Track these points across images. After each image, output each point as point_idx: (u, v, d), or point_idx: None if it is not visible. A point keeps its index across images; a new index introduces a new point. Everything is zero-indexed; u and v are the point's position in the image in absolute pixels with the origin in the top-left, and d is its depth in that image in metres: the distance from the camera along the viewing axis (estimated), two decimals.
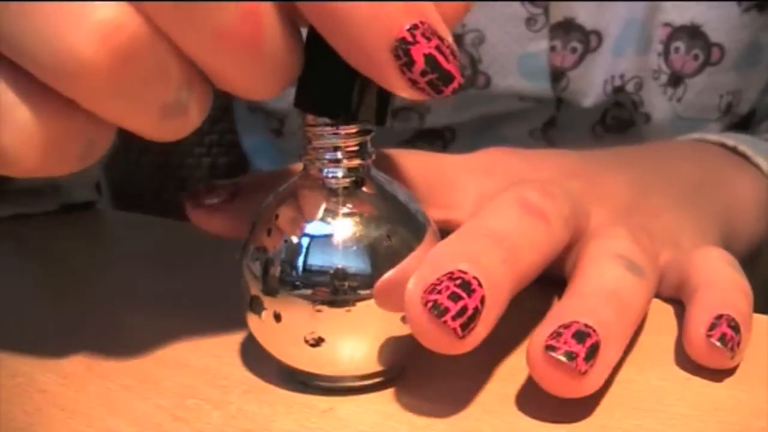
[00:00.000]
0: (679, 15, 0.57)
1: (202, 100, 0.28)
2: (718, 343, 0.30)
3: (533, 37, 0.58)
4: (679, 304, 0.36)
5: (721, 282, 0.34)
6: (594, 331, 0.29)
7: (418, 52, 0.26)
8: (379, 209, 0.30)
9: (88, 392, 0.31)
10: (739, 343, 0.31)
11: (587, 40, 0.59)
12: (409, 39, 0.26)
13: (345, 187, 0.30)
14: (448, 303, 0.27)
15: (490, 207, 0.32)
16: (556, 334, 0.28)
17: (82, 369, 0.33)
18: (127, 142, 0.31)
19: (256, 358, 0.33)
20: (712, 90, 0.59)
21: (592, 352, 0.28)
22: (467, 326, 0.27)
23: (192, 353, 0.34)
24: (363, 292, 0.29)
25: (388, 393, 0.30)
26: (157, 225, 0.50)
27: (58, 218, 0.51)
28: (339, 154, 0.30)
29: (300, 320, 0.29)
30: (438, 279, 0.27)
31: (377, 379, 0.31)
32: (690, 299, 0.34)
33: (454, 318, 0.27)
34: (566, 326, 0.29)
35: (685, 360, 0.32)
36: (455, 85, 0.27)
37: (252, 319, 0.31)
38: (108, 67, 0.25)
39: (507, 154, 0.42)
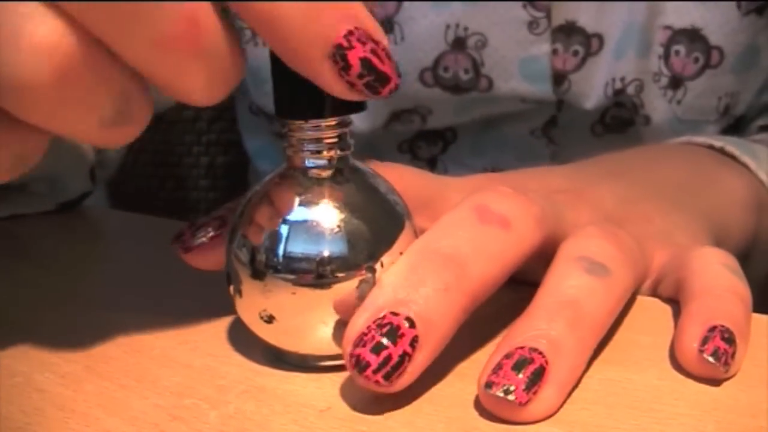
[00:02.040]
0: (679, 18, 0.58)
1: (143, 110, 0.29)
2: (710, 359, 0.30)
3: (535, 41, 0.58)
4: (678, 304, 0.36)
5: (716, 288, 0.33)
6: (539, 353, 0.29)
7: (354, 57, 0.28)
8: (358, 198, 0.31)
9: (86, 392, 0.31)
10: (733, 355, 0.30)
11: (588, 43, 0.59)
12: (345, 44, 0.27)
13: (326, 177, 0.31)
14: (370, 357, 0.28)
15: (445, 220, 0.32)
16: (498, 368, 0.29)
17: (80, 368, 0.33)
18: None
19: (254, 358, 0.33)
20: (711, 92, 0.59)
21: (535, 379, 0.28)
22: (391, 375, 0.28)
23: (190, 353, 0.34)
24: (341, 275, 0.30)
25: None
26: (155, 224, 0.50)
27: (55, 217, 0.51)
28: (320, 146, 0.31)
29: (253, 298, 0.31)
30: (367, 328, 0.29)
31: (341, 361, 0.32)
32: (684, 308, 0.33)
33: (375, 371, 0.28)
34: (508, 356, 0.29)
35: None
36: (392, 86, 0.29)
37: (231, 296, 0.32)
38: (48, 83, 0.26)
39: (493, 179, 0.42)
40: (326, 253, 0.30)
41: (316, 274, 0.30)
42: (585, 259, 0.33)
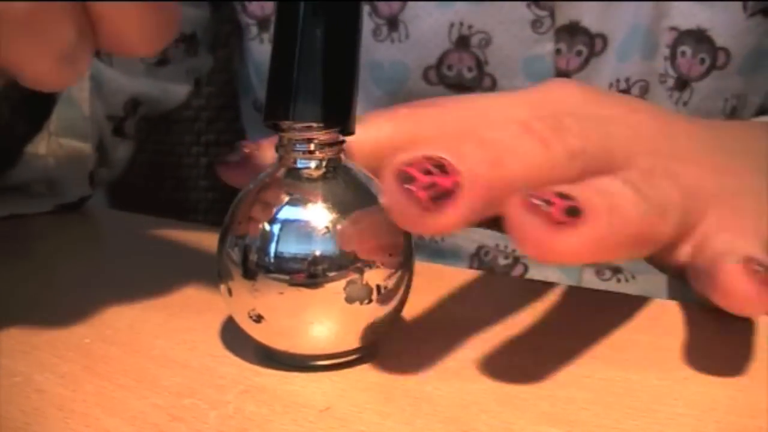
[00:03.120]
0: (685, 20, 0.57)
1: (88, 49, 0.30)
2: (759, 267, 0.29)
3: (539, 40, 0.58)
4: (678, 306, 0.36)
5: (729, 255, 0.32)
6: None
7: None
8: (350, 198, 0.31)
9: (86, 392, 0.31)
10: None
11: (592, 43, 0.59)
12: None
13: (317, 177, 0.31)
14: (418, 175, 0.27)
15: (488, 122, 0.32)
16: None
17: (79, 369, 0.33)
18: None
19: (253, 358, 0.33)
20: (718, 94, 0.59)
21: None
22: (436, 199, 0.27)
23: (189, 353, 0.34)
24: (331, 274, 0.30)
25: (386, 392, 0.30)
26: (154, 224, 0.50)
27: (54, 218, 0.51)
28: (311, 146, 0.31)
29: (243, 297, 0.31)
30: (414, 157, 0.28)
31: (331, 360, 0.32)
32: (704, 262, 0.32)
33: (420, 189, 0.27)
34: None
35: (683, 360, 0.32)
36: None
37: (224, 297, 0.32)
38: (31, 15, 0.27)
39: (568, 89, 0.39)
40: (317, 253, 0.30)
41: (308, 273, 0.30)
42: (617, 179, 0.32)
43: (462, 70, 0.59)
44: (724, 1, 0.57)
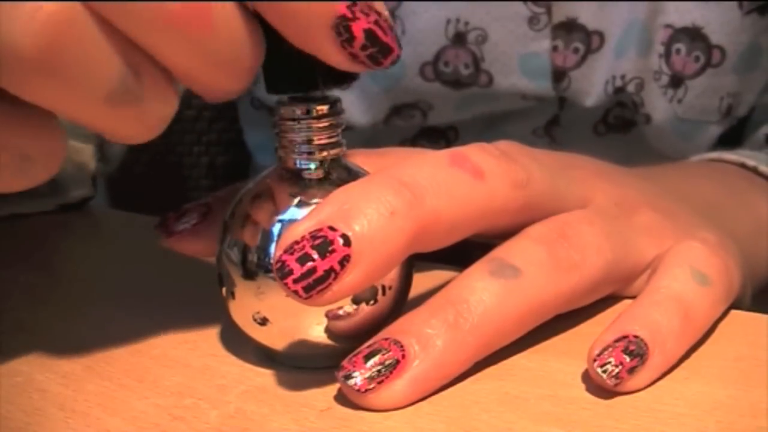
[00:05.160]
0: (681, 17, 0.57)
1: (157, 88, 0.27)
2: (598, 370, 0.30)
3: (535, 37, 0.58)
4: None
5: (660, 292, 0.33)
6: (399, 346, 0.30)
7: (358, 28, 0.27)
8: None
9: (87, 391, 0.31)
10: (633, 370, 0.30)
11: (589, 40, 0.59)
12: (349, 15, 0.27)
13: (318, 178, 0.31)
14: (295, 265, 0.28)
15: (417, 157, 0.31)
16: (354, 355, 0.30)
17: (80, 368, 0.33)
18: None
19: (254, 357, 0.33)
20: (712, 92, 0.59)
21: (384, 370, 0.29)
22: (312, 288, 0.28)
23: (190, 353, 0.34)
24: None
25: None
26: None
27: (55, 217, 0.51)
28: (311, 146, 0.31)
29: (247, 300, 0.31)
30: (301, 237, 0.28)
31: (334, 360, 0.31)
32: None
33: (296, 281, 0.28)
34: (370, 345, 0.30)
35: (683, 359, 0.32)
36: (394, 56, 0.28)
37: (224, 298, 0.32)
38: (45, 52, 0.24)
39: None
40: None
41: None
42: (496, 259, 0.32)
43: (458, 67, 0.59)
44: (719, 0, 0.57)
